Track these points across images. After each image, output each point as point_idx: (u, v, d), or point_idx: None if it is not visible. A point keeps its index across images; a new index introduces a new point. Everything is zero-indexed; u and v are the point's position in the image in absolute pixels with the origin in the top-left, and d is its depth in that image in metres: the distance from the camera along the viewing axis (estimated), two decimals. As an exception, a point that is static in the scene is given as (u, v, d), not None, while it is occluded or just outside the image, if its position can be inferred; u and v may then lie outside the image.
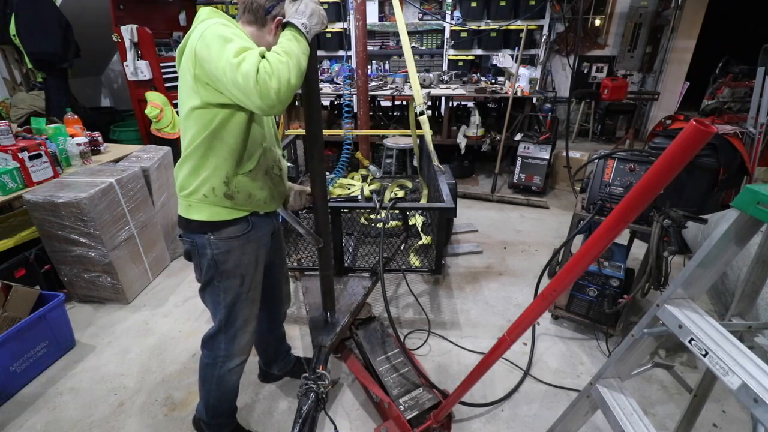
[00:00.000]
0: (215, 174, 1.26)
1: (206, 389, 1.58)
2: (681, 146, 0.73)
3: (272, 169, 1.41)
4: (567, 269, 1.02)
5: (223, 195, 1.29)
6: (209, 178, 1.26)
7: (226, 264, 1.36)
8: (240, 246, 1.37)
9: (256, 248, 1.43)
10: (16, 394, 1.99)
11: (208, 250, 1.34)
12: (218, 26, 1.12)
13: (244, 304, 1.46)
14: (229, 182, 1.28)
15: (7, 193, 2.36)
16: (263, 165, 1.35)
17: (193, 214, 1.31)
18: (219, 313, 1.45)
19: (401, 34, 2.66)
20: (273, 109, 1.10)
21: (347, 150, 3.33)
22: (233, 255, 1.36)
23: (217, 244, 1.34)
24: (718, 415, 1.85)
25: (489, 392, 1.98)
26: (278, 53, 1.10)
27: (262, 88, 1.05)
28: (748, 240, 0.95)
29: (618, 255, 2.26)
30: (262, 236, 1.45)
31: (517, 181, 4.31)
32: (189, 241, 1.37)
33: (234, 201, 1.31)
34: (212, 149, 1.24)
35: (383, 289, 1.86)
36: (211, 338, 1.51)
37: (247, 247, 1.39)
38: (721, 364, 0.84)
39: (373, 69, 6.19)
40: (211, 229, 1.32)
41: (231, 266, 1.37)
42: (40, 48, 3.72)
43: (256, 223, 1.40)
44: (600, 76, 6.23)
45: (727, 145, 2.99)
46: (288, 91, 1.09)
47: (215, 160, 1.25)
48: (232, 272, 1.39)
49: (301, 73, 1.13)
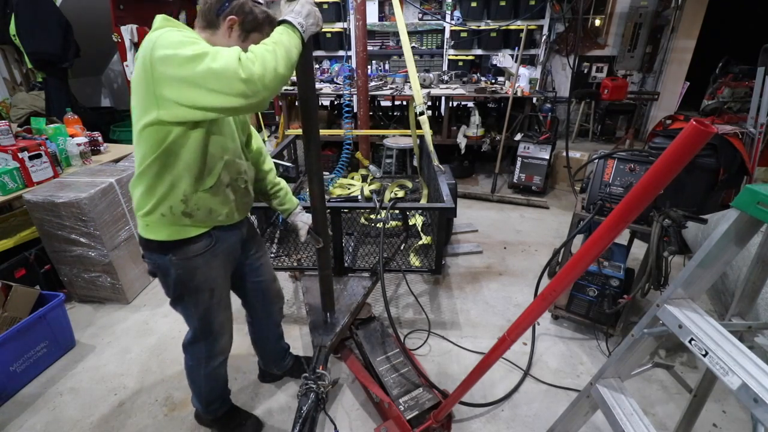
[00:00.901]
0: (172, 192, 1.18)
1: (196, 386, 1.64)
2: (681, 146, 0.73)
3: (236, 182, 1.32)
4: (567, 269, 1.02)
5: (182, 213, 1.21)
6: (166, 196, 1.18)
7: (193, 281, 1.32)
8: (205, 262, 1.32)
9: (223, 260, 1.39)
10: (16, 394, 1.99)
11: (172, 271, 1.29)
12: (173, 32, 1.04)
13: (216, 312, 1.44)
14: (187, 200, 1.20)
15: (7, 193, 2.36)
16: (225, 179, 1.27)
17: (151, 234, 1.25)
18: (193, 323, 1.45)
19: (401, 34, 2.66)
20: (257, 97, 1.02)
21: (347, 150, 3.33)
22: (199, 272, 1.32)
23: (179, 264, 1.28)
24: (718, 415, 1.85)
25: (489, 392, 1.98)
26: (265, 43, 1.06)
27: (245, 72, 0.98)
28: (748, 240, 0.95)
29: (618, 255, 2.26)
30: (228, 247, 1.39)
31: (517, 181, 4.31)
32: (151, 263, 1.31)
33: (194, 218, 1.24)
34: (167, 167, 1.15)
35: (383, 289, 1.86)
36: (190, 344, 1.53)
37: (213, 262, 1.34)
38: (721, 364, 0.84)
39: (373, 69, 6.19)
40: (171, 249, 1.26)
41: (198, 282, 1.33)
42: (40, 48, 3.72)
43: (221, 236, 1.34)
44: (600, 76, 6.24)
45: (727, 145, 2.99)
46: (275, 79, 1.03)
47: (170, 178, 1.17)
48: (201, 287, 1.35)
49: (290, 64, 1.08)
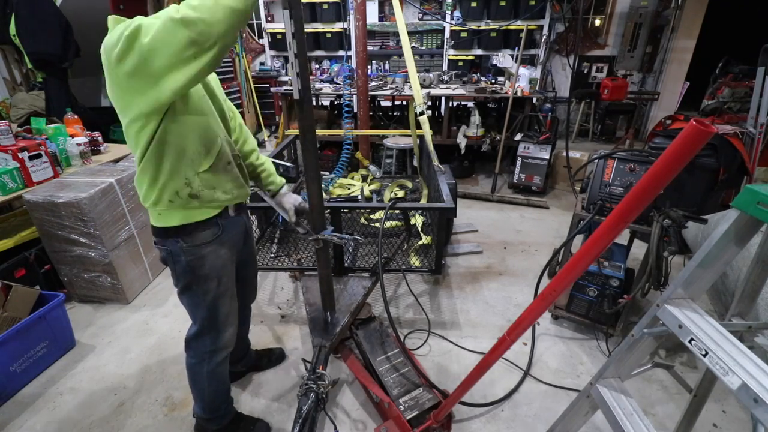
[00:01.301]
0: (174, 178, 1.23)
1: (199, 388, 1.59)
2: (681, 146, 0.73)
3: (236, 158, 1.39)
4: (567, 269, 1.02)
5: (189, 196, 1.27)
6: (168, 183, 1.23)
7: (202, 269, 1.37)
8: (213, 250, 1.38)
9: (229, 250, 1.44)
10: (16, 394, 1.99)
11: (183, 257, 1.34)
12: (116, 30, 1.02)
13: (224, 301, 1.47)
14: (191, 183, 1.25)
15: (7, 193, 2.36)
16: (222, 158, 1.31)
17: (164, 221, 1.31)
18: (200, 313, 1.46)
19: (401, 34, 2.66)
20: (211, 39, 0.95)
21: (347, 150, 3.33)
22: (208, 259, 1.37)
23: (190, 251, 1.34)
24: (718, 415, 1.85)
25: (489, 392, 1.98)
26: None
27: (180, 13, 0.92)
28: (748, 240, 0.95)
29: (618, 255, 2.26)
30: (233, 236, 1.46)
31: (517, 181, 4.31)
32: (164, 249, 1.37)
33: (201, 199, 1.29)
34: (163, 156, 1.20)
35: (383, 289, 1.86)
36: (194, 338, 1.51)
37: (220, 251, 1.40)
38: (721, 364, 0.84)
39: (373, 69, 6.20)
40: (183, 234, 1.32)
41: (207, 270, 1.38)
42: (40, 48, 3.71)
43: (227, 225, 1.41)
44: (600, 76, 6.24)
45: (727, 145, 2.99)
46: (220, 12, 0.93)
47: (168, 165, 1.21)
48: (209, 275, 1.39)
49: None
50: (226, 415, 1.70)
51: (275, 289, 2.77)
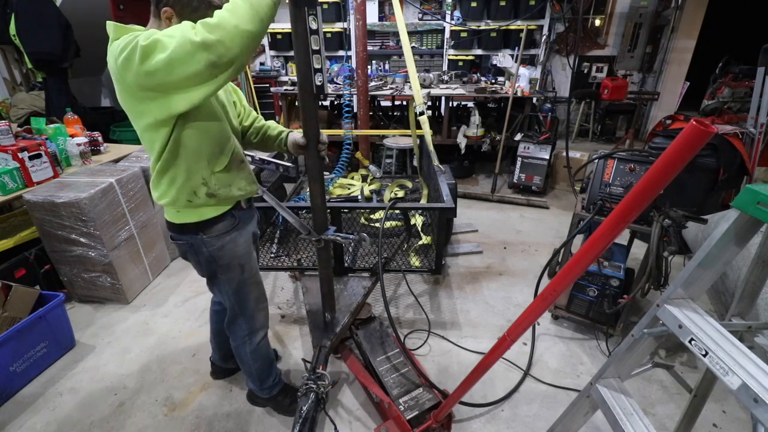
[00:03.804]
0: (191, 179, 1.27)
1: (247, 366, 1.72)
2: (681, 146, 0.73)
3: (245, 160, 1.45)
4: (567, 269, 1.02)
5: (206, 195, 1.31)
6: (186, 183, 1.27)
7: (223, 259, 1.43)
8: (232, 240, 1.43)
9: (247, 239, 1.50)
10: (16, 394, 1.99)
11: (204, 249, 1.40)
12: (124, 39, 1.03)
13: (250, 288, 1.55)
14: (207, 182, 1.29)
15: (7, 193, 2.36)
16: (236, 158, 1.37)
17: (183, 218, 1.35)
18: (230, 301, 1.54)
19: (401, 34, 2.66)
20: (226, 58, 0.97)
21: (347, 150, 3.33)
22: (227, 249, 1.42)
23: (210, 242, 1.39)
24: (718, 415, 1.85)
25: (489, 392, 1.98)
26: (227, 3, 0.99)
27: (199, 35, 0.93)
28: (748, 240, 0.95)
29: (618, 255, 2.26)
30: (249, 226, 1.53)
31: (517, 181, 4.31)
32: (184, 243, 1.42)
33: (218, 197, 1.33)
34: (179, 157, 1.23)
35: (383, 289, 1.86)
36: (231, 323, 1.63)
37: (238, 239, 1.45)
38: (721, 364, 0.84)
39: (373, 69, 6.20)
40: (201, 229, 1.37)
41: (228, 260, 1.44)
42: (40, 48, 3.72)
43: (241, 217, 1.46)
44: (600, 76, 6.24)
45: (727, 145, 2.99)
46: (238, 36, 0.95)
47: (185, 166, 1.25)
48: (231, 264, 1.46)
49: (258, 18, 0.98)
50: (275, 386, 1.83)
51: (275, 289, 2.77)
